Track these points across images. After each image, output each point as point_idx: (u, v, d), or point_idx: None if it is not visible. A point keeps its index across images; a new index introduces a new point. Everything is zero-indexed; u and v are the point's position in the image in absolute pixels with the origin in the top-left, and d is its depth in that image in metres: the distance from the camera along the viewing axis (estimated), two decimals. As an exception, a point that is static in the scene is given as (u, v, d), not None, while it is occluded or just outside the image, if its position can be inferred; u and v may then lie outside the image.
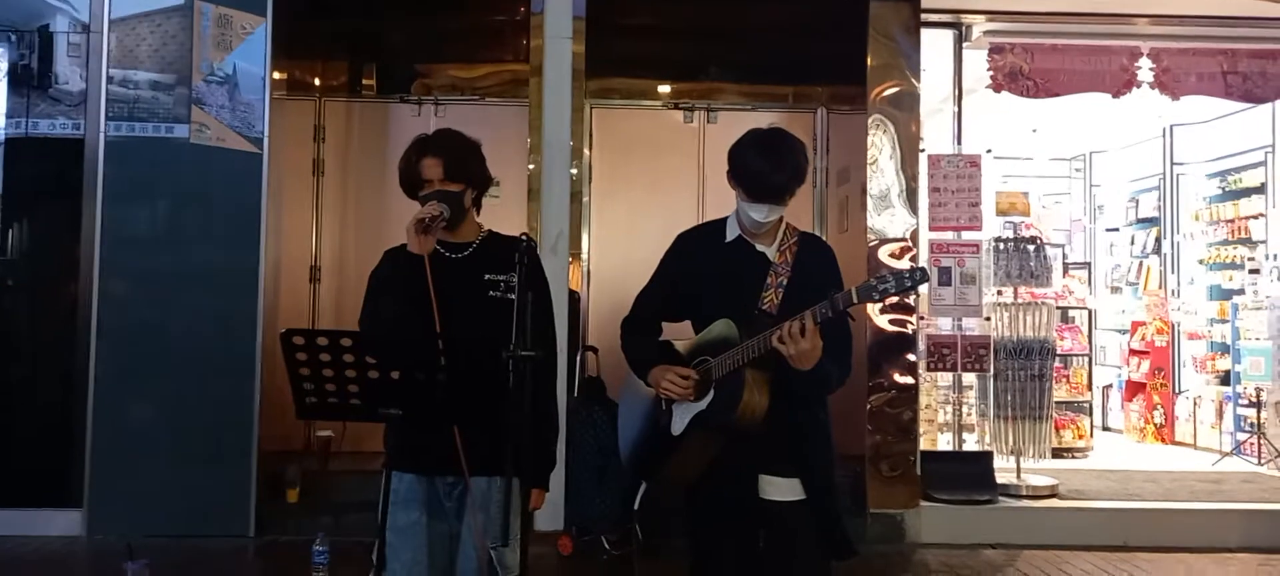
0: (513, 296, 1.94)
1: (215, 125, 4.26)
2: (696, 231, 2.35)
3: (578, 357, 4.51)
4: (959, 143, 4.96)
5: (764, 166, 2.13)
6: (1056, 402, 5.44)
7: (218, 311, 4.23)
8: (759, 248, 2.21)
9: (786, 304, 2.12)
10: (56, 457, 4.22)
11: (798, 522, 2.14)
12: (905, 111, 4.52)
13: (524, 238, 2.03)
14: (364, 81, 5.48)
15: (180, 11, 4.28)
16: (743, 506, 2.15)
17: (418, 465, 2.11)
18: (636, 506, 2.35)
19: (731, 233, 2.25)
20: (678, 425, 2.18)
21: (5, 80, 4.33)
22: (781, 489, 2.15)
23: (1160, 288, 7.10)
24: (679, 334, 2.33)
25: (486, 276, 2.10)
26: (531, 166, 4.45)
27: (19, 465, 4.24)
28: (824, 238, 5.29)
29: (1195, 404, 6.47)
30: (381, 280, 2.16)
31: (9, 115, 4.34)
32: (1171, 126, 7.04)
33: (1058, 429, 5.70)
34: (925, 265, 1.89)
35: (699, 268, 2.26)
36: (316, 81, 5.42)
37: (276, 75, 4.46)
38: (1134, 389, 6.95)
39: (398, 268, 2.09)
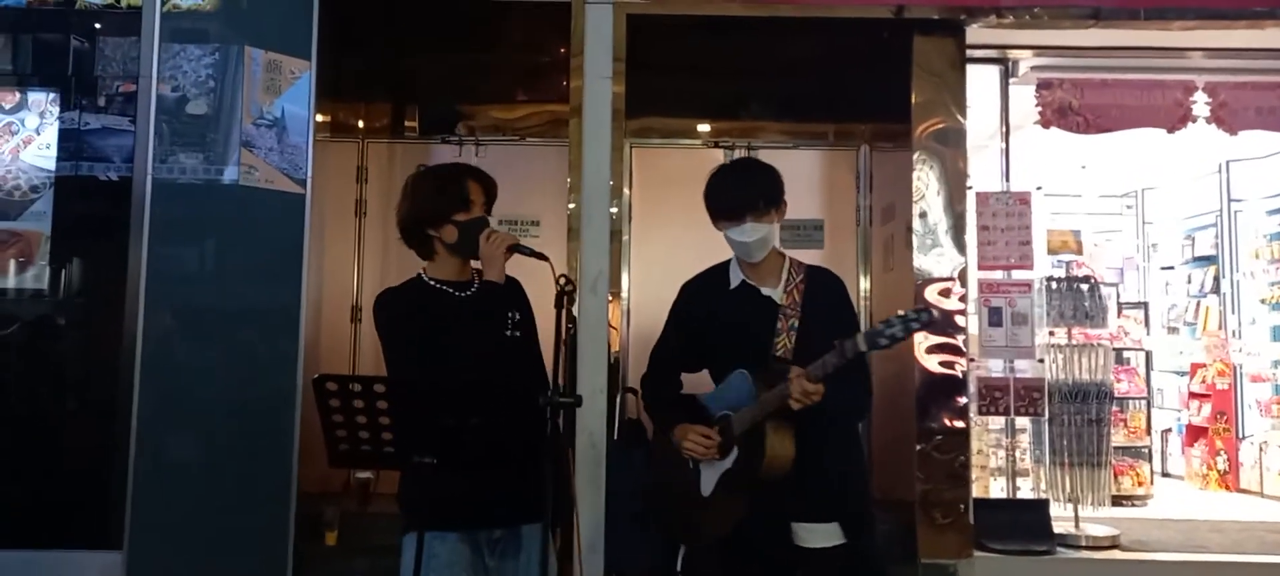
0: (518, 334, 1.90)
1: (264, 167, 4.30)
2: (699, 280, 2.32)
3: (618, 399, 4.44)
4: (1007, 180, 4.84)
5: (729, 187, 2.13)
6: (1114, 448, 5.24)
7: (259, 351, 4.23)
8: (765, 291, 2.16)
9: (800, 347, 2.07)
10: (97, 499, 4.23)
11: (838, 567, 2.07)
12: (951, 148, 4.42)
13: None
14: (406, 123, 5.53)
15: (230, 56, 4.34)
16: (779, 555, 2.08)
17: (460, 521, 1.99)
18: (680, 569, 2.29)
19: (735, 279, 2.21)
20: (707, 485, 2.12)
21: (56, 124, 4.43)
22: (819, 535, 2.09)
23: (1220, 328, 6.85)
24: (697, 385, 2.28)
25: (507, 314, 2.04)
26: (572, 206, 4.42)
27: (60, 506, 4.26)
28: (868, 277, 5.21)
29: (1261, 449, 6.20)
30: (442, 317, 2.04)
31: (60, 157, 4.43)
32: (1228, 162, 6.83)
33: (1116, 475, 5.48)
34: (929, 307, 1.88)
35: (707, 317, 2.22)
36: (360, 123, 5.48)
37: (320, 117, 4.51)
38: (1195, 433, 6.68)
39: (471, 300, 2.02)
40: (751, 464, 2.01)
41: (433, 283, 2.12)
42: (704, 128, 5.55)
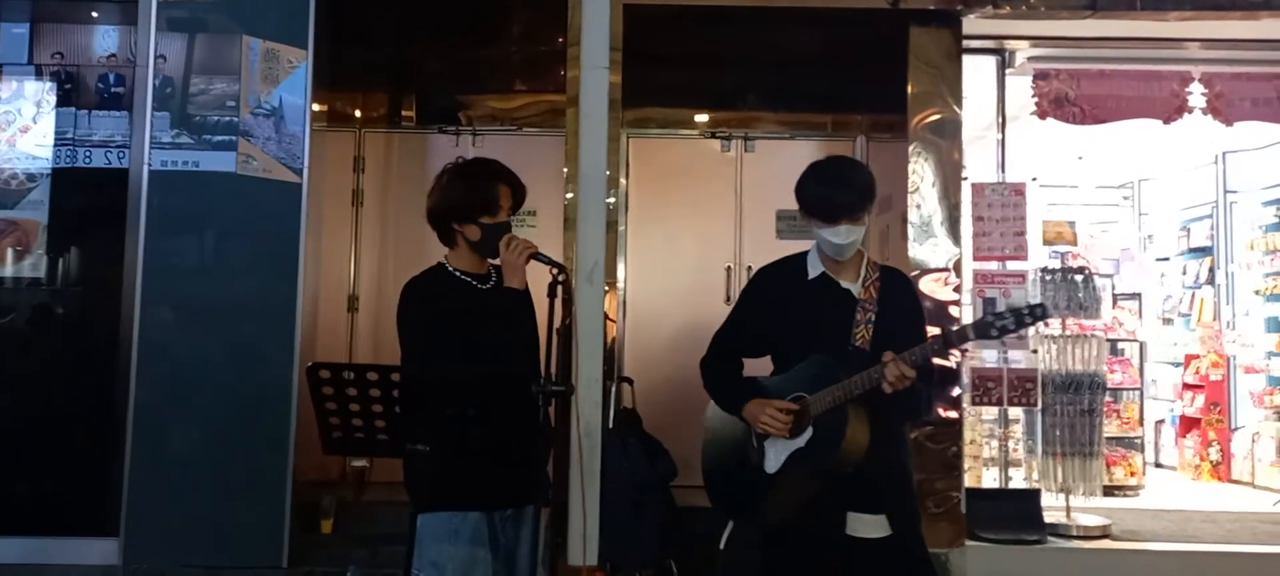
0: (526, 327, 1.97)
1: (261, 156, 4.30)
2: (777, 268, 2.36)
3: (613, 388, 4.46)
4: (1003, 170, 4.85)
5: (829, 190, 2.14)
6: (1107, 438, 5.26)
7: (255, 341, 4.24)
8: (844, 284, 2.20)
9: (877, 340, 2.12)
10: (94, 486, 4.25)
11: (885, 560, 2.11)
12: (947, 139, 4.42)
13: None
14: (403, 112, 5.54)
15: (228, 45, 4.34)
16: (829, 543, 2.12)
17: (481, 500, 2.09)
18: (723, 546, 2.33)
19: (814, 270, 2.24)
20: (773, 463, 2.15)
21: (54, 113, 4.43)
22: (869, 526, 2.13)
23: (1214, 319, 6.88)
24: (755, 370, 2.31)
25: (523, 315, 2.11)
26: (568, 196, 4.43)
27: (58, 493, 4.28)
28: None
29: (1253, 440, 6.23)
30: (474, 315, 2.13)
31: (56, 145, 4.43)
32: (1224, 153, 6.84)
33: (1108, 465, 5.50)
34: (1042, 304, 1.89)
35: (782, 305, 2.27)
36: (357, 112, 5.48)
37: (317, 106, 4.51)
38: (1188, 424, 6.71)
39: (493, 300, 2.11)
40: (828, 445, 2.04)
41: (456, 273, 2.21)
42: (702, 118, 5.56)
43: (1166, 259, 7.67)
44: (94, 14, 4.61)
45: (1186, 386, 6.79)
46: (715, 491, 2.34)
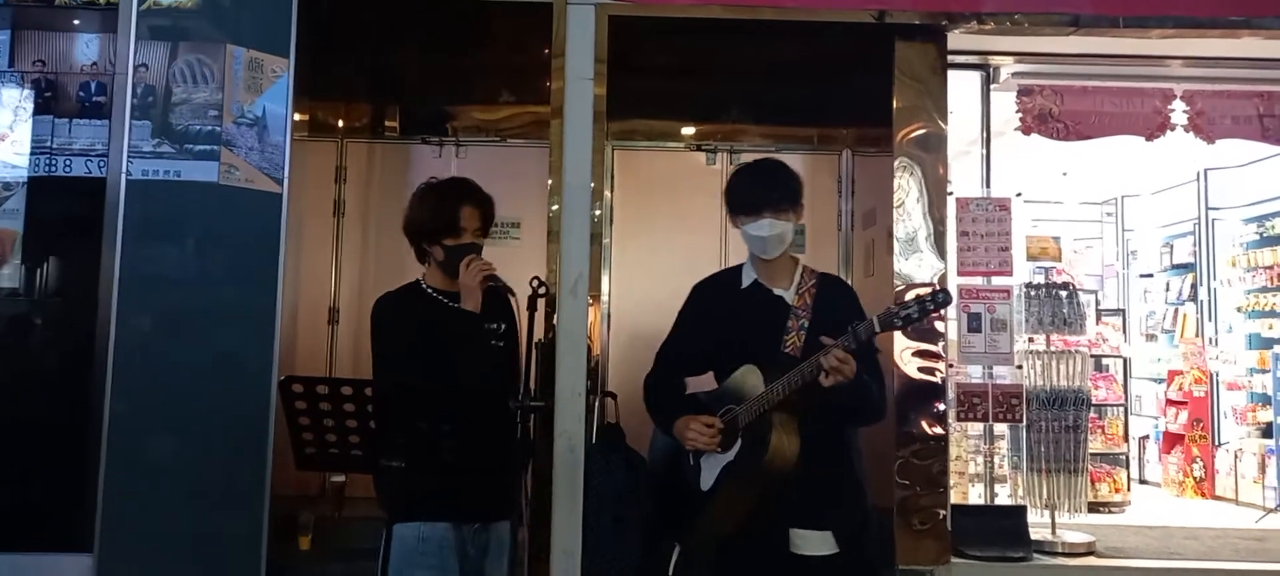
0: (501, 344, 1.99)
1: (244, 166, 4.25)
2: (712, 280, 2.34)
3: (596, 403, 4.42)
4: (988, 186, 4.86)
5: (751, 184, 2.15)
6: (1091, 454, 5.26)
7: (234, 353, 4.18)
8: (777, 291, 2.17)
9: (809, 346, 2.08)
10: (68, 500, 4.17)
11: None
12: (932, 153, 4.43)
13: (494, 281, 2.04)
14: (386, 122, 5.50)
15: (211, 54, 4.29)
16: (774, 561, 2.09)
17: (450, 512, 2.10)
18: (671, 571, 2.29)
19: (747, 279, 2.22)
20: (707, 479, 2.13)
21: (31, 121, 4.37)
22: (813, 543, 2.10)
23: (1197, 336, 6.91)
24: (703, 387, 2.28)
25: (487, 325, 2.11)
26: (553, 208, 4.40)
27: (30, 507, 4.19)
28: (849, 281, 5.22)
29: (1236, 457, 6.25)
30: (447, 336, 2.15)
31: (33, 154, 4.37)
32: (1206, 170, 6.90)
33: (1093, 482, 5.51)
34: (946, 287, 1.92)
35: (717, 316, 2.24)
36: (339, 122, 5.44)
37: (299, 116, 4.47)
38: (1172, 440, 6.73)
39: (457, 321, 2.11)
40: (754, 455, 2.01)
41: (429, 290, 2.28)
42: (687, 130, 5.56)
43: (1150, 275, 7.72)
44: (76, 22, 4.56)
45: (1170, 403, 6.81)
46: (658, 516, 2.32)
